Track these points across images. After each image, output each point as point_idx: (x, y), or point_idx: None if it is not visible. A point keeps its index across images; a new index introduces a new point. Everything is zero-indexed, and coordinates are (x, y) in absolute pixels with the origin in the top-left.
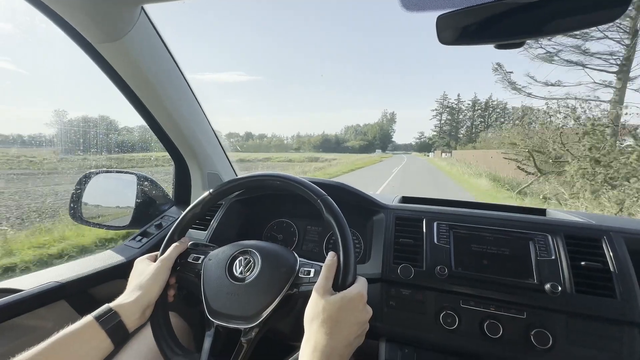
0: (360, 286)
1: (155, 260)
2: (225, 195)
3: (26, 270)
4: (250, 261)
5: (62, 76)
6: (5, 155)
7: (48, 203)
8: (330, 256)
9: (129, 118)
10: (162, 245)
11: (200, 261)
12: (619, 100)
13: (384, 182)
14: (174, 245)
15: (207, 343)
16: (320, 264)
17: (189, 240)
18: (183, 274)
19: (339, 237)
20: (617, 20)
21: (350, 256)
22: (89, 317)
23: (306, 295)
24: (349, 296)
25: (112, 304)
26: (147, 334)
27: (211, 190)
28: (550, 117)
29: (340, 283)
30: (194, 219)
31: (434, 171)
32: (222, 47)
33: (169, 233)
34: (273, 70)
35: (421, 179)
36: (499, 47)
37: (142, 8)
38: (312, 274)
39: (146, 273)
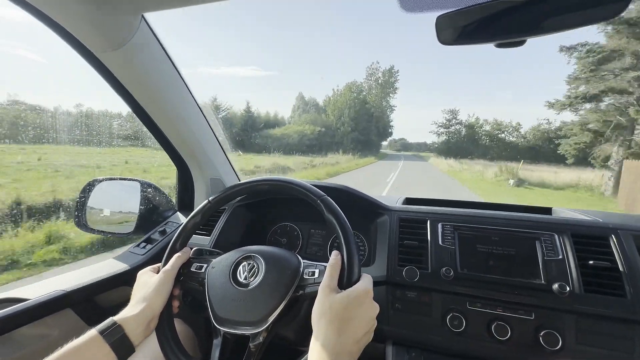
0: (365, 282)
1: (158, 272)
2: (225, 202)
3: None
4: (254, 266)
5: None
6: None
7: None
8: (334, 255)
9: None
10: (164, 256)
11: (203, 270)
12: None
13: None
14: (176, 255)
15: (215, 352)
16: (324, 264)
17: (191, 249)
18: (187, 283)
19: (341, 235)
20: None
21: (354, 254)
22: (92, 332)
23: (312, 297)
24: (355, 293)
25: (116, 317)
26: (153, 345)
27: (210, 198)
28: None
29: (345, 281)
30: (195, 227)
31: None
32: (237, 41)
33: (171, 243)
34: (288, 65)
35: None
36: (499, 46)
37: (143, 16)
38: (316, 274)
39: (149, 285)
